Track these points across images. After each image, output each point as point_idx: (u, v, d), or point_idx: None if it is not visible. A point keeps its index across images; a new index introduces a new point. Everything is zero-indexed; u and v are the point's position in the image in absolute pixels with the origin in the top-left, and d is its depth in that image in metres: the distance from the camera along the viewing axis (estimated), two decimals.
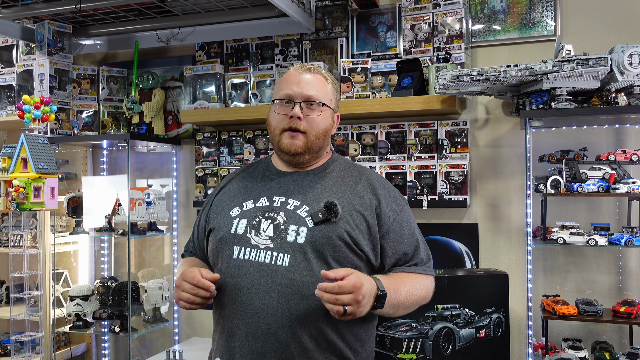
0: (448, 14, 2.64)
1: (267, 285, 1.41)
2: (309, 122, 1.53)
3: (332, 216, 1.45)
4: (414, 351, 2.19)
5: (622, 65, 2.06)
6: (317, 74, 1.58)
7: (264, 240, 1.46)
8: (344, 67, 2.71)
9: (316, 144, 1.55)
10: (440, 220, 2.71)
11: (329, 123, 1.58)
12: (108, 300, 2.98)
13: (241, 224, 1.50)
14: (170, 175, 3.22)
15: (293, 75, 1.57)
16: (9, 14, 2.85)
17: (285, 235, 1.45)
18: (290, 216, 1.48)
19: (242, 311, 1.43)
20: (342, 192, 1.53)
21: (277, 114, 1.56)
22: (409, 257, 1.55)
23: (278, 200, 1.52)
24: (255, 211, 1.52)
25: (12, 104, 3.20)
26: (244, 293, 1.43)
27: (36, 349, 2.82)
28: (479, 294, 2.25)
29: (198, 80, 3.01)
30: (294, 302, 1.40)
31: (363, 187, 1.55)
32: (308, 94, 1.53)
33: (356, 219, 1.48)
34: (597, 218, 2.50)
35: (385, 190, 1.58)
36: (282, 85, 1.57)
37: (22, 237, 2.75)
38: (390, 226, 1.52)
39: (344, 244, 1.44)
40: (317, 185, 1.54)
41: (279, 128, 1.55)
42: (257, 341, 1.41)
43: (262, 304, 1.41)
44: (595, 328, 2.50)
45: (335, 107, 1.62)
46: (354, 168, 1.63)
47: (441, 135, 2.68)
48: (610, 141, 2.51)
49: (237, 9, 2.87)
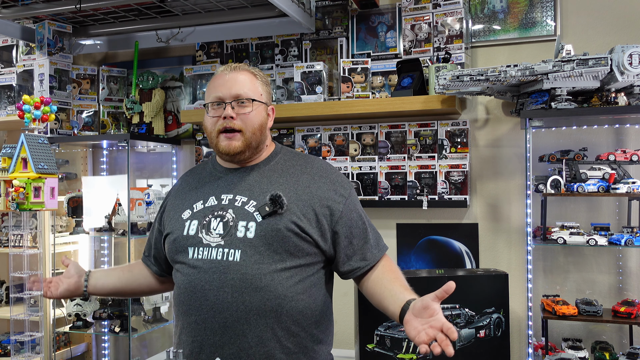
0: (448, 14, 2.64)
1: (220, 280, 1.46)
2: (242, 120, 1.55)
3: (278, 208, 1.48)
4: (414, 351, 2.19)
5: (622, 65, 2.06)
6: (243, 72, 1.60)
7: (215, 238, 1.50)
8: (344, 67, 2.71)
9: (254, 139, 1.57)
10: (440, 220, 2.71)
11: (263, 117, 1.59)
12: (108, 300, 2.98)
13: (192, 225, 1.55)
14: (170, 175, 3.22)
15: (220, 77, 1.59)
16: (9, 14, 2.85)
17: (235, 232, 1.49)
18: (239, 212, 1.51)
19: (198, 307, 1.48)
20: (287, 183, 1.55)
21: (210, 117, 1.58)
22: (360, 239, 1.58)
23: (226, 198, 1.56)
24: (205, 211, 1.56)
25: (12, 104, 3.20)
26: (198, 290, 1.48)
27: (36, 349, 2.81)
28: (479, 294, 2.25)
29: (198, 80, 3.01)
30: (247, 295, 1.44)
31: (309, 176, 1.58)
32: (237, 92, 1.55)
33: (303, 208, 1.51)
34: (597, 218, 2.50)
35: (332, 177, 1.60)
36: (211, 89, 1.60)
37: (22, 237, 2.74)
38: (342, 211, 1.55)
39: (292, 234, 1.48)
40: (263, 180, 1.57)
41: (215, 131, 1.57)
42: (215, 335, 1.46)
43: (217, 299, 1.46)
44: (595, 328, 2.50)
45: (267, 100, 1.64)
46: (298, 157, 1.66)
47: (441, 135, 2.68)
48: (610, 141, 2.51)
49: (237, 9, 2.87)
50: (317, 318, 1.55)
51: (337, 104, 2.64)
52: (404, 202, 2.69)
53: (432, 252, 2.69)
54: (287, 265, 1.48)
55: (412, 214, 2.74)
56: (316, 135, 2.87)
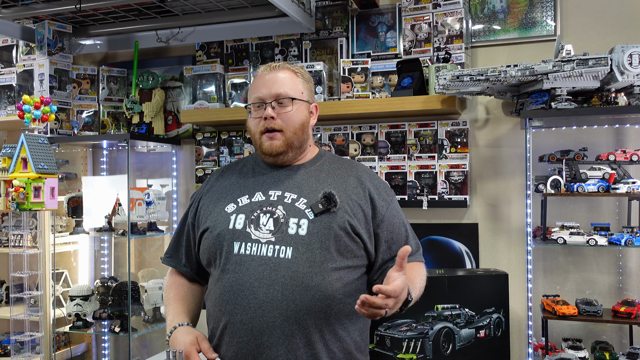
0: (448, 14, 2.64)
1: (270, 278, 1.42)
2: (283, 120, 1.54)
3: (332, 206, 1.47)
4: (414, 351, 2.19)
5: (622, 65, 2.06)
6: (283, 71, 1.59)
7: (265, 234, 1.46)
8: (344, 67, 2.71)
9: (296, 139, 1.56)
10: (440, 220, 2.71)
11: (304, 116, 1.58)
12: (108, 300, 2.98)
13: (239, 219, 1.50)
14: (170, 175, 3.22)
15: (260, 77, 1.59)
16: (9, 14, 2.85)
17: (287, 228, 1.46)
18: (289, 209, 1.49)
19: (245, 306, 1.42)
20: (336, 183, 1.55)
21: (253, 118, 1.58)
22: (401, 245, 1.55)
23: (274, 194, 1.53)
24: (252, 206, 1.52)
25: (12, 104, 3.20)
26: (246, 288, 1.43)
27: (36, 349, 2.82)
28: (479, 294, 2.25)
29: (198, 80, 3.01)
30: (298, 294, 1.41)
31: (355, 179, 1.58)
32: (276, 92, 1.54)
33: (353, 208, 1.51)
34: (597, 218, 2.50)
35: (375, 182, 1.61)
36: (252, 90, 1.59)
37: (22, 237, 2.75)
38: (385, 215, 1.55)
39: (344, 233, 1.46)
40: (311, 178, 1.56)
41: (258, 132, 1.56)
42: (262, 335, 1.41)
43: (266, 297, 1.41)
44: (595, 328, 2.50)
45: (309, 98, 1.63)
46: (342, 161, 1.66)
47: (441, 135, 2.68)
48: (610, 141, 2.51)
49: (237, 9, 2.87)
50: (361, 325, 1.53)
51: (337, 104, 2.64)
52: (404, 202, 2.69)
53: (432, 252, 2.69)
54: (337, 265, 1.45)
55: (412, 214, 2.74)
56: (316, 135, 2.87)
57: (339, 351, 1.45)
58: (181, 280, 1.68)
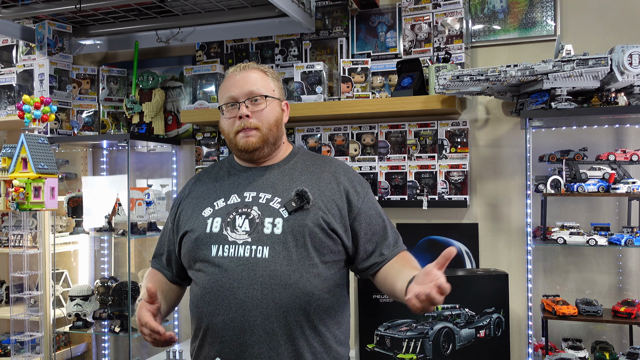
0: (448, 14, 2.64)
1: (249, 278, 1.44)
2: (257, 117, 1.56)
3: (305, 203, 1.49)
4: (414, 351, 2.19)
5: (622, 65, 2.06)
6: (253, 70, 1.61)
7: (241, 235, 1.49)
8: (344, 67, 2.71)
9: (271, 135, 1.58)
10: (440, 220, 2.71)
11: (278, 113, 1.61)
12: (108, 300, 2.98)
13: (215, 222, 1.53)
14: (170, 175, 3.22)
15: (231, 77, 1.61)
16: (9, 14, 2.85)
17: (262, 228, 1.48)
18: (264, 209, 1.51)
19: (226, 306, 1.45)
20: (309, 180, 1.57)
21: (226, 119, 1.60)
22: (379, 236, 1.59)
23: (249, 195, 1.55)
24: (228, 208, 1.55)
25: (12, 104, 3.20)
26: (226, 288, 1.45)
27: (36, 349, 2.82)
28: (479, 294, 2.25)
29: (198, 80, 3.01)
30: (277, 292, 1.43)
31: (329, 174, 1.60)
32: (249, 90, 1.57)
33: (328, 204, 1.52)
34: (597, 218, 2.50)
35: (350, 175, 1.63)
36: (224, 91, 1.61)
37: (22, 237, 2.75)
38: (361, 208, 1.57)
39: (319, 229, 1.48)
40: (285, 177, 1.58)
41: (233, 132, 1.58)
42: (244, 334, 1.44)
43: (246, 297, 1.43)
44: (595, 328, 2.50)
45: (280, 96, 1.65)
46: (316, 158, 1.68)
47: (441, 135, 2.68)
48: (610, 141, 2.51)
49: (237, 9, 2.87)
50: (339, 318, 1.56)
51: (337, 104, 2.64)
52: (404, 202, 2.69)
53: (432, 252, 2.69)
54: (313, 262, 1.48)
55: (412, 214, 2.74)
56: (316, 135, 2.87)
57: (319, 345, 1.48)
58: (159, 276, 1.73)
